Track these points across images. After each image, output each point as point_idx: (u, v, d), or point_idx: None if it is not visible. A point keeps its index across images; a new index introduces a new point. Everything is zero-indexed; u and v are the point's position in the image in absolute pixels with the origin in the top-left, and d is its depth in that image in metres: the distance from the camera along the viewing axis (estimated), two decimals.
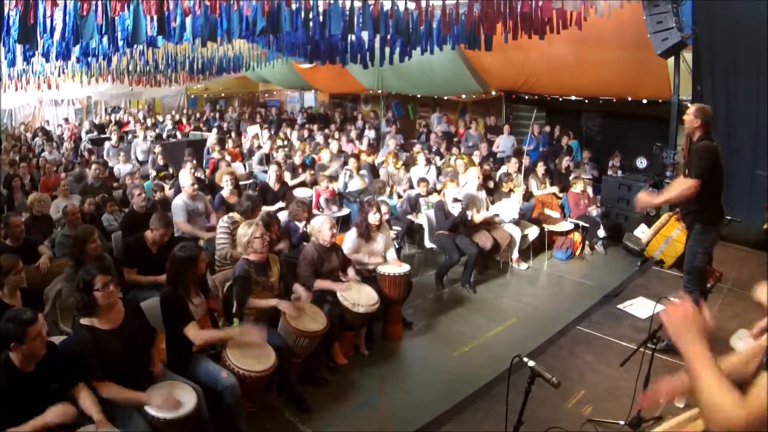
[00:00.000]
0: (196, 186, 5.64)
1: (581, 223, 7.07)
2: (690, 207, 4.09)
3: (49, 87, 11.52)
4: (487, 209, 6.49)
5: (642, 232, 5.08)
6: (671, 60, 6.90)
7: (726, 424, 1.25)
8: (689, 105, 6.94)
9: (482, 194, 6.58)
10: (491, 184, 7.60)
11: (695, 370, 1.35)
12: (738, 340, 3.11)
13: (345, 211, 7.47)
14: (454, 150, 10.33)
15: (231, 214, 5.04)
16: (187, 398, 2.89)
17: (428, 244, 6.30)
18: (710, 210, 4.02)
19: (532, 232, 6.80)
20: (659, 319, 1.56)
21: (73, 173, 8.44)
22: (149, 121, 14.74)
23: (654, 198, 4.14)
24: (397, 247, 6.70)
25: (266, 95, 19.59)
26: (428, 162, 8.73)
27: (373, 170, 8.93)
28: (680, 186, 3.91)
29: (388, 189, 7.25)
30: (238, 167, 9.37)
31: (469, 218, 6.04)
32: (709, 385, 1.31)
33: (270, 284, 3.96)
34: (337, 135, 12.23)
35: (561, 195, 7.57)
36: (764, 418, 1.22)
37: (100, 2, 4.44)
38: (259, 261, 3.93)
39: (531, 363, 2.37)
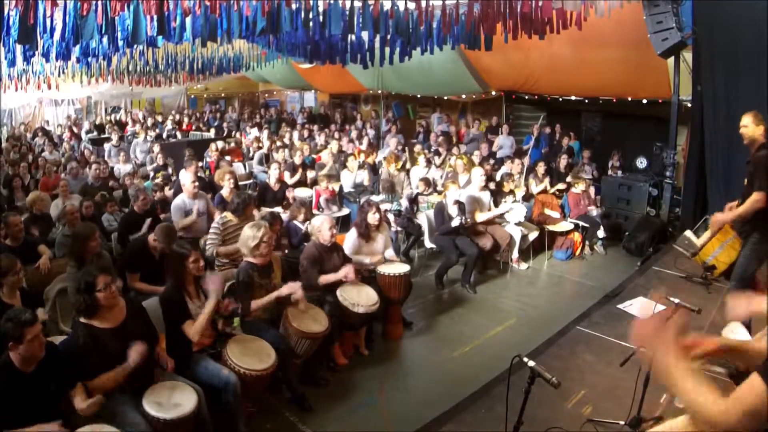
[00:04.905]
0: (196, 184, 5.62)
1: (581, 223, 7.07)
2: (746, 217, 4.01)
3: (49, 87, 11.48)
4: (490, 210, 6.46)
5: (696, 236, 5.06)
6: (671, 60, 6.90)
7: (710, 423, 1.30)
8: (689, 105, 6.97)
9: (486, 195, 6.54)
10: (492, 185, 7.58)
11: (672, 379, 1.40)
12: (731, 333, 3.09)
13: (345, 211, 7.47)
14: (455, 150, 10.31)
15: (224, 213, 5.00)
16: (187, 398, 2.89)
17: (428, 244, 6.30)
18: None
19: (533, 233, 6.79)
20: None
21: (68, 170, 8.33)
22: (149, 121, 14.73)
23: (728, 216, 4.11)
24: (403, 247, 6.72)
25: (266, 95, 19.55)
26: (429, 162, 8.73)
27: (374, 170, 8.93)
28: (749, 201, 3.84)
29: (398, 192, 7.23)
30: (238, 167, 9.37)
31: (470, 224, 6.00)
32: (688, 389, 1.36)
33: (272, 286, 3.94)
34: (337, 135, 12.22)
35: (561, 194, 7.57)
36: (742, 417, 1.26)
37: (100, 2, 4.44)
38: (262, 264, 3.91)
39: (531, 363, 2.36)
